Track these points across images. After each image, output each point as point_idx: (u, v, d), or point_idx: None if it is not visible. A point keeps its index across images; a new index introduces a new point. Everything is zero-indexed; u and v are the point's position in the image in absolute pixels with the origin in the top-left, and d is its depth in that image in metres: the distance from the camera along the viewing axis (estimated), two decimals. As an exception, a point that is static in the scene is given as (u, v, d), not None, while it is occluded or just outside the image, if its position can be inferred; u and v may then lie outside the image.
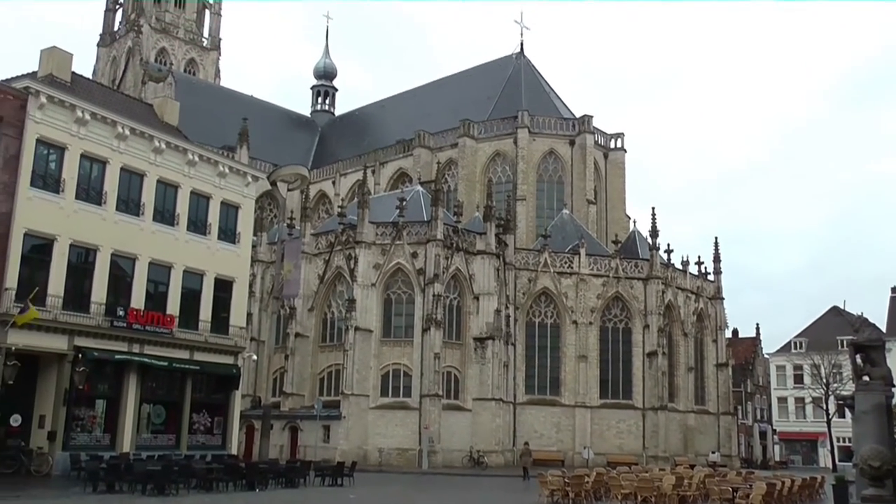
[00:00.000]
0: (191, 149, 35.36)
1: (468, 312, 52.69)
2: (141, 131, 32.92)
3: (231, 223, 37.29)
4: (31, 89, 28.98)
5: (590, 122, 68.21)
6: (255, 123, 74.45)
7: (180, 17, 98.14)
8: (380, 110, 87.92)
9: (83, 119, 30.54)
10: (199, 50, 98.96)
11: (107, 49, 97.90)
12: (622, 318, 58.13)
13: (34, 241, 29.08)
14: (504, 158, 68.15)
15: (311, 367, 53.08)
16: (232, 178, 37.17)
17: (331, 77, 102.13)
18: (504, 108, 70.23)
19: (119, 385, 31.75)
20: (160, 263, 33.52)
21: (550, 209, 67.03)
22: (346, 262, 52.25)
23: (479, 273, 53.01)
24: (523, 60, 76.10)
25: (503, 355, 52.86)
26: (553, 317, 57.19)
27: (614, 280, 57.77)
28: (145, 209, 33.11)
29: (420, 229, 51.73)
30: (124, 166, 32.36)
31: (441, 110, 74.15)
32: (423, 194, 57.43)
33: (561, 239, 60.27)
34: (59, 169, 30.11)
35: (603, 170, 70.55)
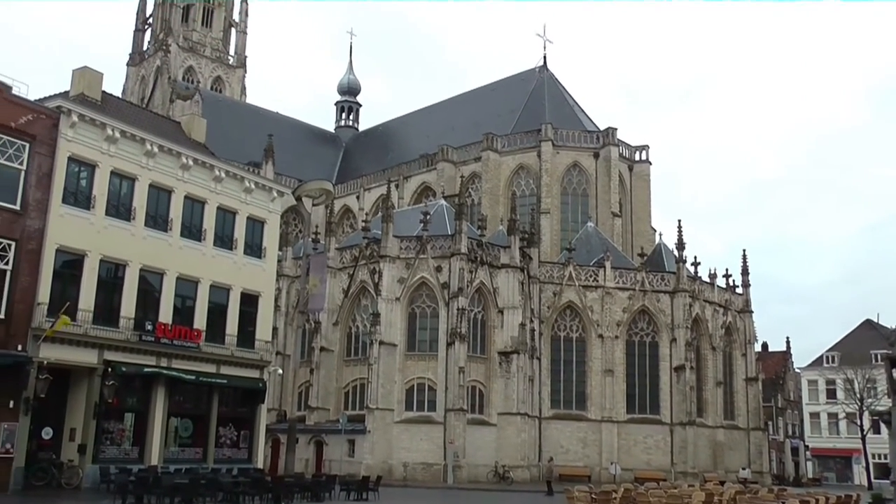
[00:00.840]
0: (217, 165, 35.73)
1: (493, 326, 52.61)
2: (169, 148, 33.33)
3: (257, 238, 37.57)
4: (63, 108, 29.48)
5: (614, 134, 68.08)
6: (280, 139, 75.16)
7: (207, 36, 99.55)
8: (403, 125, 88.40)
9: (113, 137, 31.01)
10: (225, 68, 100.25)
11: (136, 68, 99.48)
12: (649, 331, 57.72)
13: (66, 256, 29.49)
14: (528, 172, 68.16)
15: (335, 382, 53.24)
16: (258, 193, 37.50)
17: (354, 93, 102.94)
18: (527, 122, 70.33)
19: (147, 399, 32.03)
20: (187, 278, 33.83)
21: (575, 222, 66.89)
22: (370, 276, 52.44)
23: (504, 287, 52.94)
24: (546, 74, 76.23)
25: (528, 369, 52.67)
26: (578, 331, 56.93)
27: (640, 293, 57.42)
28: (173, 225, 33.47)
29: (444, 243, 51.82)
30: (153, 183, 32.78)
31: (464, 124, 74.42)
32: (446, 208, 57.58)
33: (586, 252, 60.06)
34: (89, 186, 30.56)
35: (628, 182, 70.32)
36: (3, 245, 27.28)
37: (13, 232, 27.63)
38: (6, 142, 27.63)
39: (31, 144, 28.38)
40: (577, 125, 70.99)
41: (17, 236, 27.71)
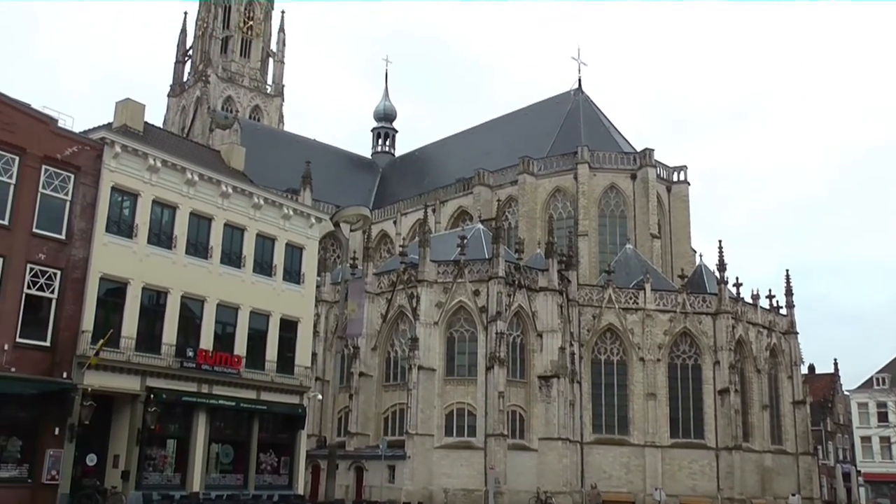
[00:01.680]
0: (256, 192, 36.11)
1: (532, 350, 52.19)
2: (209, 177, 33.77)
3: (296, 264, 37.80)
4: (106, 140, 30.05)
5: (651, 155, 67.60)
6: (317, 166, 75.80)
7: (245, 66, 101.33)
8: (439, 150, 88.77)
9: (155, 167, 31.53)
10: (263, 97, 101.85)
11: (176, 99, 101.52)
12: (691, 354, 56.81)
13: (109, 284, 29.90)
14: (564, 194, 67.89)
15: (375, 407, 53.11)
16: (296, 220, 37.80)
17: (390, 119, 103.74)
18: (563, 145, 70.17)
19: (189, 425, 32.20)
20: (228, 305, 34.11)
21: (613, 244, 66.33)
22: (408, 301, 52.42)
23: (542, 310, 52.56)
24: (581, 96, 76.13)
25: (569, 393, 52.09)
26: (619, 354, 56.23)
27: (682, 315, 56.61)
28: (213, 252, 33.81)
29: (481, 267, 51.68)
30: (193, 211, 33.20)
31: (500, 148, 74.49)
32: (483, 232, 57.51)
33: (625, 274, 59.48)
34: (132, 215, 31.04)
35: (666, 203, 69.66)
36: (48, 274, 27.77)
37: (59, 261, 28.14)
38: (52, 173, 28.23)
39: (76, 175, 28.96)
40: (614, 147, 70.64)
41: (62, 265, 28.22)
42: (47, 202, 28.07)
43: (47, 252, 27.78)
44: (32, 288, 27.28)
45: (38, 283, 27.45)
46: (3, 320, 26.25)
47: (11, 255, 26.66)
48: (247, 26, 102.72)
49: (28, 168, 27.37)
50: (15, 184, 27.06)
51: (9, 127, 26.84)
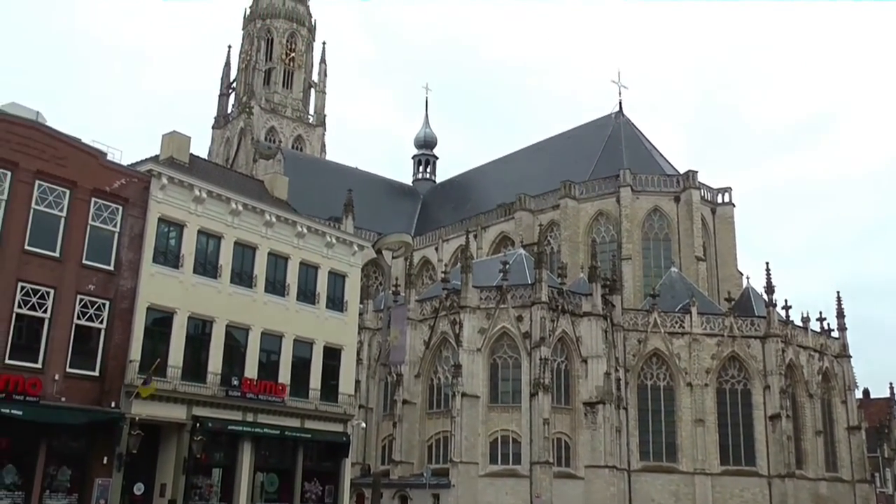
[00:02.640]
0: (300, 221, 36.43)
1: (577, 376, 51.59)
2: (253, 206, 34.20)
3: (338, 292, 37.97)
4: (153, 172, 30.64)
5: (694, 177, 66.86)
6: (359, 194, 76.47)
7: (288, 97, 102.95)
8: (480, 175, 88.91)
9: (200, 197, 32.02)
10: (305, 127, 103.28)
11: (221, 131, 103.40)
12: (740, 378, 55.64)
13: (156, 314, 30.32)
14: (607, 218, 67.38)
15: (418, 435, 52.85)
16: (339, 247, 38.03)
17: (431, 146, 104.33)
18: (605, 168, 69.79)
19: (234, 454, 32.34)
20: (272, 333, 34.33)
21: (657, 268, 65.55)
22: (450, 327, 52.28)
23: (587, 335, 52.00)
24: (622, 119, 75.77)
25: (615, 420, 51.28)
26: (666, 379, 55.30)
27: (729, 339, 55.56)
28: (257, 281, 34.14)
29: (524, 292, 51.38)
30: (238, 240, 33.60)
31: (541, 173, 74.33)
32: (525, 257, 57.26)
33: (670, 298, 58.68)
34: (178, 245, 31.51)
35: (711, 225, 68.73)
36: (98, 304, 28.27)
37: (108, 292, 28.65)
38: (101, 205, 28.83)
39: (125, 207, 29.56)
40: (656, 169, 70.04)
41: (111, 296, 28.71)
42: (96, 234, 28.66)
43: (96, 283, 28.30)
44: (82, 318, 27.78)
45: (87, 313, 27.96)
46: (54, 351, 26.74)
47: (62, 287, 27.21)
48: (289, 58, 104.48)
49: (78, 201, 28.01)
50: (66, 216, 27.70)
51: (61, 161, 27.53)
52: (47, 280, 26.84)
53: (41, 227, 27.00)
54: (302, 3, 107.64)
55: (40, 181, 27.07)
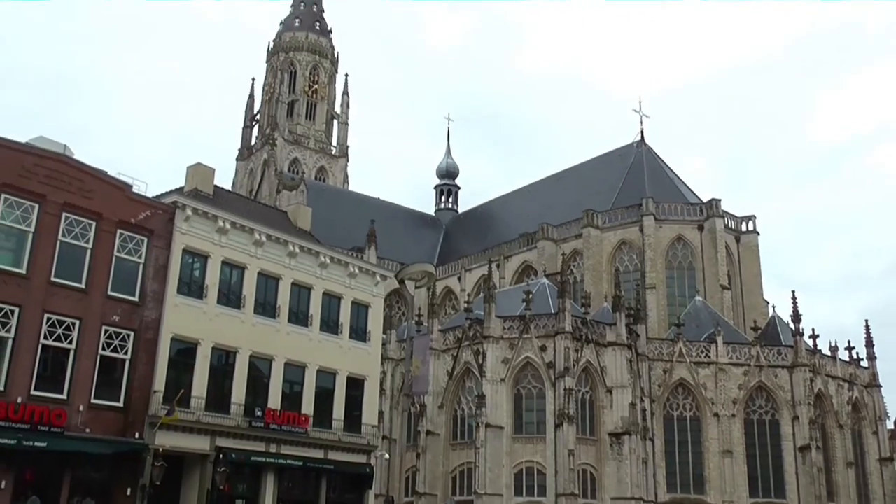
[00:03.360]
0: (322, 252, 36.57)
1: (601, 406, 51.01)
2: (276, 237, 34.39)
3: (361, 322, 37.97)
4: (178, 203, 30.96)
5: (718, 205, 66.48)
6: (381, 224, 76.70)
7: (311, 129, 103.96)
8: (502, 205, 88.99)
9: (224, 228, 32.25)
10: (328, 158, 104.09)
11: (244, 162, 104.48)
12: (768, 409, 54.72)
13: (180, 345, 30.45)
14: (630, 247, 67.06)
15: (442, 466, 52.40)
16: (362, 278, 38.08)
17: (453, 176, 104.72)
18: (627, 197, 69.58)
19: (257, 485, 32.21)
20: (295, 363, 34.33)
21: (682, 297, 65.00)
22: (474, 357, 52.01)
23: (611, 365, 51.50)
24: (644, 148, 75.61)
25: (641, 451, 50.55)
26: (692, 409, 54.52)
27: (756, 369, 54.77)
28: (281, 311, 34.22)
29: (547, 322, 51.09)
30: (261, 271, 33.76)
31: (563, 202, 74.24)
32: (548, 287, 57.00)
33: (695, 327, 58.05)
34: (202, 276, 31.72)
35: (735, 254, 68.15)
36: (122, 335, 28.44)
37: (132, 322, 28.82)
38: (126, 237, 29.13)
39: (150, 238, 29.84)
40: (679, 198, 69.74)
41: (135, 326, 28.88)
42: (121, 265, 28.91)
43: (121, 314, 28.49)
44: (107, 349, 27.95)
45: (112, 344, 28.12)
46: (79, 381, 26.88)
47: (87, 318, 27.41)
48: (312, 90, 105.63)
49: (104, 233, 28.31)
50: (91, 248, 27.99)
51: (87, 194, 27.89)
52: (73, 311, 27.07)
53: (67, 258, 27.30)
54: (325, 35, 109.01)
55: (67, 213, 27.41)
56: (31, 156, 26.89)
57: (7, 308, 25.53)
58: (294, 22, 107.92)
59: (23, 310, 25.81)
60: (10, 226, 26.16)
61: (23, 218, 26.41)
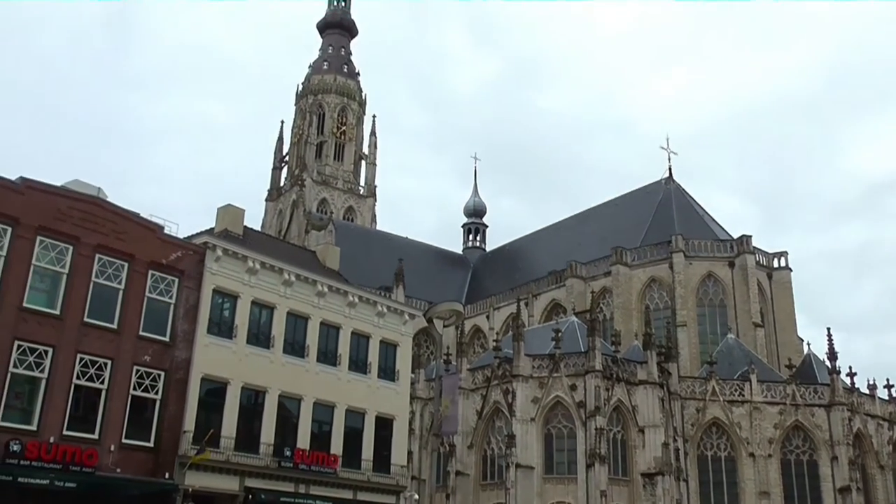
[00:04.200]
0: (351, 291, 36.70)
1: (633, 446, 50.16)
2: (305, 277, 34.61)
3: (390, 361, 37.93)
4: (209, 244, 31.34)
5: (748, 242, 65.87)
6: (409, 263, 76.91)
7: (339, 170, 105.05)
8: (530, 243, 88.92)
9: (254, 268, 32.54)
10: (356, 198, 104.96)
11: (273, 203, 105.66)
12: (805, 449, 53.47)
13: (209, 385, 30.58)
14: (660, 284, 66.52)
15: (472, 507, 51.70)
16: (390, 317, 38.11)
17: (480, 214, 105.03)
18: (656, 234, 69.21)
19: (292, 527, 31.98)
20: (324, 403, 34.29)
21: (714, 334, 64.18)
22: (503, 396, 51.56)
23: (643, 404, 50.73)
24: (672, 185, 75.38)
25: (675, 492, 49.51)
26: (727, 449, 53.44)
27: (792, 408, 53.66)
28: (310, 351, 34.29)
29: (577, 360, 50.60)
30: (290, 310, 33.92)
31: (591, 240, 74.03)
32: (578, 325, 56.59)
33: (728, 365, 57.16)
34: (232, 316, 31.95)
35: (768, 291, 67.29)
36: (153, 375, 28.64)
37: (163, 363, 29.03)
38: (158, 278, 29.49)
39: (180, 279, 30.17)
40: (709, 235, 69.24)
41: (166, 367, 29.08)
42: (153, 305, 29.22)
43: (152, 354, 28.73)
44: (138, 389, 28.14)
45: (143, 384, 28.31)
46: (111, 421, 27.04)
47: (119, 358, 27.67)
48: (340, 131, 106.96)
49: (136, 273, 28.70)
50: (123, 289, 28.37)
51: (120, 235, 28.34)
52: (105, 352, 27.35)
53: (100, 299, 27.67)
54: (352, 78, 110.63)
55: (100, 254, 27.86)
56: (66, 199, 27.44)
57: (41, 348, 25.89)
58: (322, 65, 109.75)
59: (56, 350, 26.14)
60: (44, 267, 26.62)
61: (57, 260, 26.87)
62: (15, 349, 25.38)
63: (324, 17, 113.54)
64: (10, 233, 25.86)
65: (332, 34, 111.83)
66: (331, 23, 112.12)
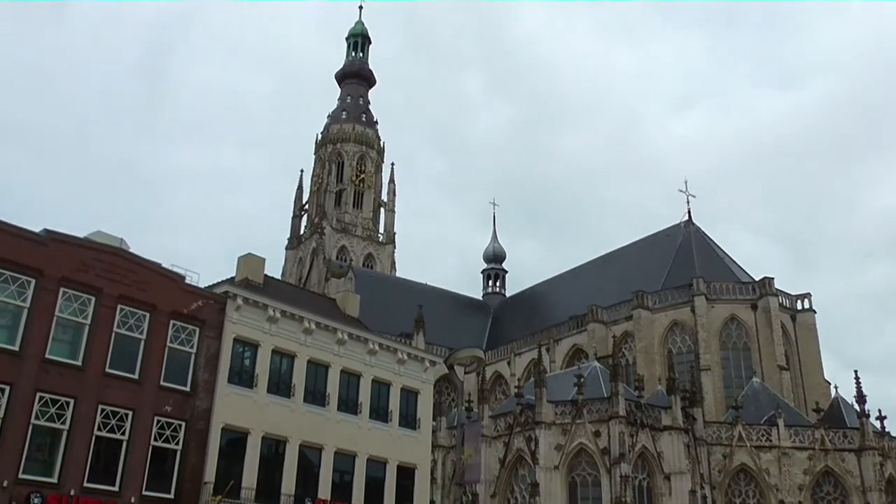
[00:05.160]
0: (371, 338, 36.61)
1: (660, 494, 49.14)
2: (325, 325, 34.59)
3: (411, 409, 37.62)
4: (229, 293, 31.47)
5: (771, 284, 65.27)
6: (429, 309, 76.77)
7: (358, 217, 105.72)
8: (550, 288, 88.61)
9: (274, 317, 32.58)
10: (375, 245, 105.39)
11: (294, 251, 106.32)
12: (836, 495, 52.17)
13: (230, 435, 30.42)
14: (682, 328, 65.90)
15: (496, 558, 50.70)
16: (410, 364, 37.92)
17: (499, 260, 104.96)
18: (677, 277, 68.79)
19: (308, 580, 31.51)
20: (345, 452, 33.98)
21: (738, 378, 63.30)
22: (526, 444, 50.89)
23: (668, 450, 49.86)
24: (692, 228, 75.10)
25: (703, 542, 48.37)
26: (756, 496, 52.22)
27: (821, 453, 52.51)
28: (330, 399, 34.11)
29: (600, 406, 49.95)
30: (311, 359, 33.85)
31: (612, 284, 73.66)
32: (600, 370, 56.02)
33: (754, 409, 56.19)
34: (252, 365, 31.91)
35: (792, 333, 66.44)
36: (174, 426, 28.54)
37: (184, 413, 28.95)
38: (179, 327, 29.57)
39: (201, 328, 30.24)
40: (730, 277, 68.72)
41: (187, 417, 28.99)
42: (174, 355, 29.27)
43: (173, 404, 28.67)
44: (159, 440, 28.03)
45: (164, 434, 28.21)
46: (131, 473, 26.90)
47: (140, 409, 27.63)
48: (359, 179, 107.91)
49: (158, 323, 28.81)
50: (145, 339, 28.46)
51: (142, 286, 28.54)
52: (126, 402, 27.34)
53: (122, 349, 27.76)
54: (371, 127, 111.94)
55: (122, 305, 28.02)
56: (89, 250, 27.74)
57: (63, 400, 25.91)
58: (341, 114, 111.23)
59: (78, 402, 26.16)
60: (67, 318, 26.79)
61: (80, 311, 27.04)
62: (37, 401, 25.41)
63: (342, 67, 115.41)
64: (34, 284, 26.09)
65: (350, 84, 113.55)
66: (349, 73, 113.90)
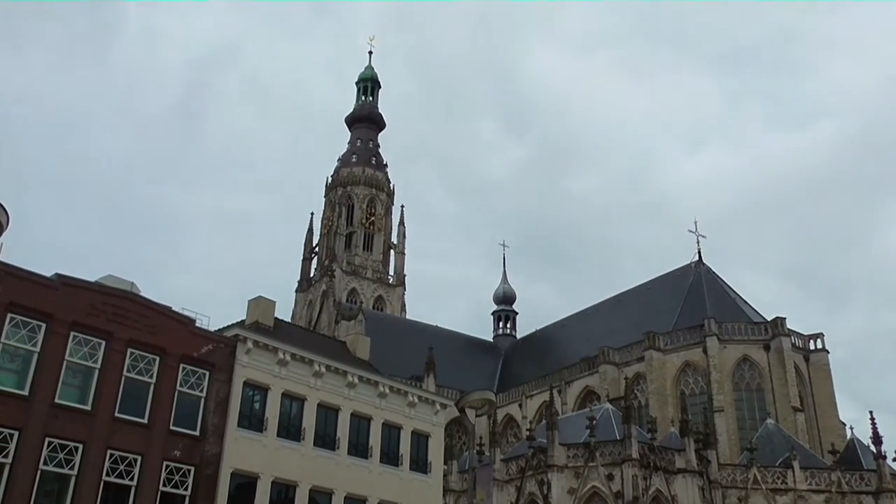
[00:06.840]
0: (381, 381, 36.41)
1: (675, 539, 48.32)
2: (335, 368, 34.45)
3: (422, 453, 37.24)
4: (239, 337, 31.44)
5: (783, 324, 64.83)
6: (440, 352, 76.49)
7: (368, 260, 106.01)
8: (561, 329, 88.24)
9: (284, 360, 32.49)
10: (385, 287, 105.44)
11: (304, 294, 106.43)
12: (855, 539, 51.15)
13: (240, 479, 30.11)
14: (695, 369, 65.38)
15: None
16: (421, 407, 37.64)
17: (510, 302, 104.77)
18: (688, 318, 68.45)
19: None
20: (356, 497, 33.56)
21: (752, 419, 62.61)
22: (538, 487, 50.19)
23: (682, 493, 49.08)
24: (703, 268, 74.90)
25: (721, 588, 47.37)
26: (773, 541, 51.25)
27: (838, 495, 51.57)
28: (340, 443, 33.81)
29: (613, 449, 49.36)
30: (321, 402, 33.64)
31: (623, 325, 73.33)
32: (612, 412, 55.46)
33: (769, 451, 55.40)
34: (262, 409, 31.73)
35: (805, 373, 65.79)
36: (183, 471, 28.29)
37: (193, 458, 28.72)
38: (189, 371, 29.49)
39: (211, 372, 30.14)
40: (742, 317, 68.33)
41: (196, 462, 28.75)
42: (183, 399, 29.12)
43: (182, 449, 28.46)
44: (167, 485, 27.76)
45: (172, 480, 27.95)
46: (139, 520, 26.63)
47: (149, 453, 27.43)
48: (369, 222, 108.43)
49: (167, 367, 28.74)
50: (155, 383, 28.35)
51: (152, 329, 28.54)
52: (136, 447, 27.16)
53: (131, 393, 27.64)
54: (381, 170, 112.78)
55: (132, 349, 27.98)
56: (99, 294, 27.81)
57: (72, 445, 25.75)
58: (351, 158, 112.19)
59: (86, 446, 25.99)
60: (77, 363, 26.74)
61: (90, 355, 27.03)
62: (46, 446, 25.28)
63: (352, 111, 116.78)
64: (45, 329, 26.13)
65: (360, 128, 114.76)
66: (359, 117, 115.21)
